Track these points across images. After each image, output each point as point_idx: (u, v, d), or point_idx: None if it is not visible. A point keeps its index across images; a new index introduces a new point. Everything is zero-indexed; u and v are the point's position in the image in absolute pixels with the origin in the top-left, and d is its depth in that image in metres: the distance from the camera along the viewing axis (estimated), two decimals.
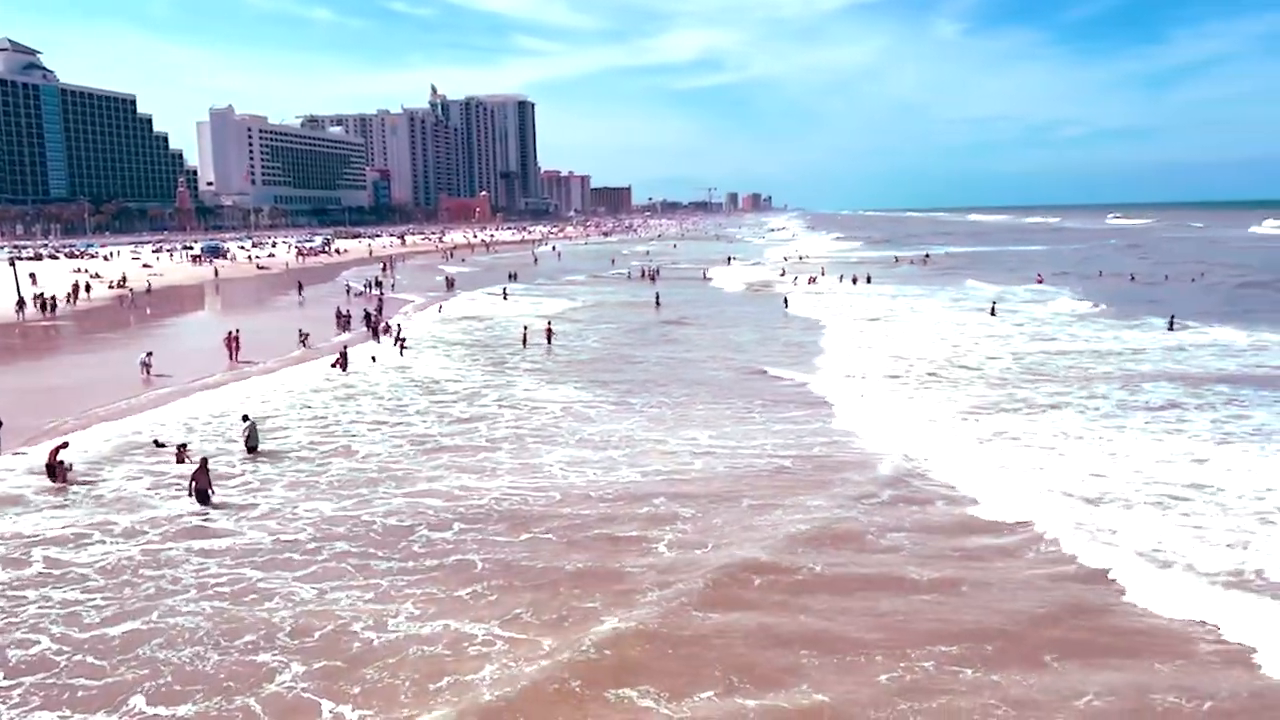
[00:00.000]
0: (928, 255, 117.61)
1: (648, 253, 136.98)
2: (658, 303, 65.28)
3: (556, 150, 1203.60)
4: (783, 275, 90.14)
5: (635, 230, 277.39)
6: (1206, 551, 17.16)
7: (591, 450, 25.71)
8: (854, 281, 79.74)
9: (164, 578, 17.00)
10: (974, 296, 66.06)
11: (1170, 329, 46.40)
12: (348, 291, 73.60)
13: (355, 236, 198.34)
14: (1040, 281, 76.58)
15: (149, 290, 79.83)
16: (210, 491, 21.13)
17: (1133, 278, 77.89)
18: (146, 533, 19.26)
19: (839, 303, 65.29)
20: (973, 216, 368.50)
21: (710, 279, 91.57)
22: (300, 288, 78.16)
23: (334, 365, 38.08)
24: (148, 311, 63.85)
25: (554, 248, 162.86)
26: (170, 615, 15.41)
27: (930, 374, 36.59)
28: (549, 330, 47.67)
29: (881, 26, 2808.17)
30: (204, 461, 21.82)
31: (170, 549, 18.40)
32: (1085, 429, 26.92)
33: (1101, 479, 21.78)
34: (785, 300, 63.70)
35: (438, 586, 16.57)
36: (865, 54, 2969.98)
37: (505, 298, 69.73)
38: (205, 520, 20.05)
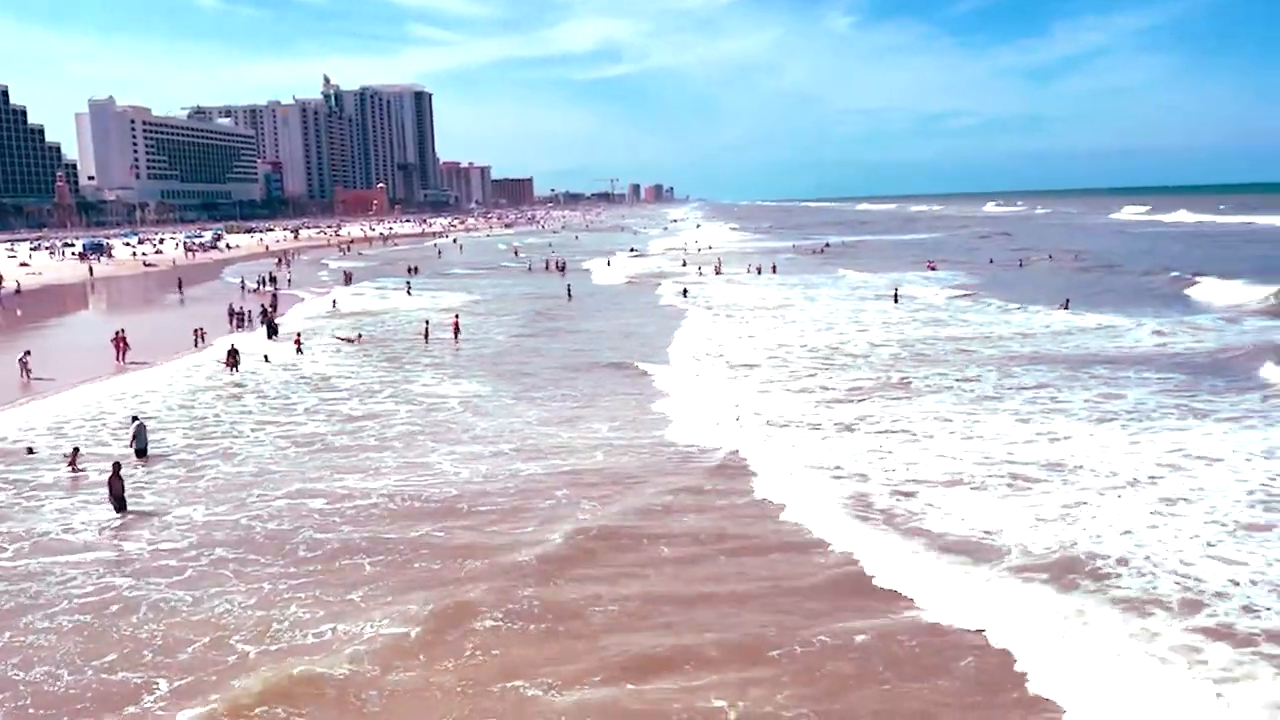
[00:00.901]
0: (827, 244, 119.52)
1: (551, 245, 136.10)
2: (569, 294, 65.10)
3: (456, 141, 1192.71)
4: (684, 265, 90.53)
5: (538, 222, 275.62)
6: (1019, 534, 17.55)
7: (484, 445, 25.15)
8: (758, 271, 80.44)
9: (23, 593, 15.96)
10: (872, 284, 67.19)
11: (1065, 308, 48.24)
12: (242, 288, 71.12)
13: (248, 231, 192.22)
14: (932, 268, 78.44)
15: (18, 290, 75.57)
16: (125, 497, 20.10)
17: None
18: (5, 549, 18.07)
19: (740, 292, 65.81)
20: (861, 206, 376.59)
21: (613, 267, 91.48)
22: (180, 285, 74.75)
23: (223, 364, 36.69)
24: (18, 313, 60.49)
25: (455, 240, 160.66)
26: (28, 633, 14.44)
27: (818, 361, 36.76)
28: (456, 324, 46.71)
29: (776, 18, 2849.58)
30: (116, 466, 20.57)
31: (30, 563, 17.30)
32: (955, 411, 27.30)
33: (941, 460, 22.27)
34: (684, 291, 63.83)
35: (324, 590, 15.94)
36: (761, 46, 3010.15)
37: (409, 292, 68.38)
38: (67, 531, 18.96)
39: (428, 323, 47.15)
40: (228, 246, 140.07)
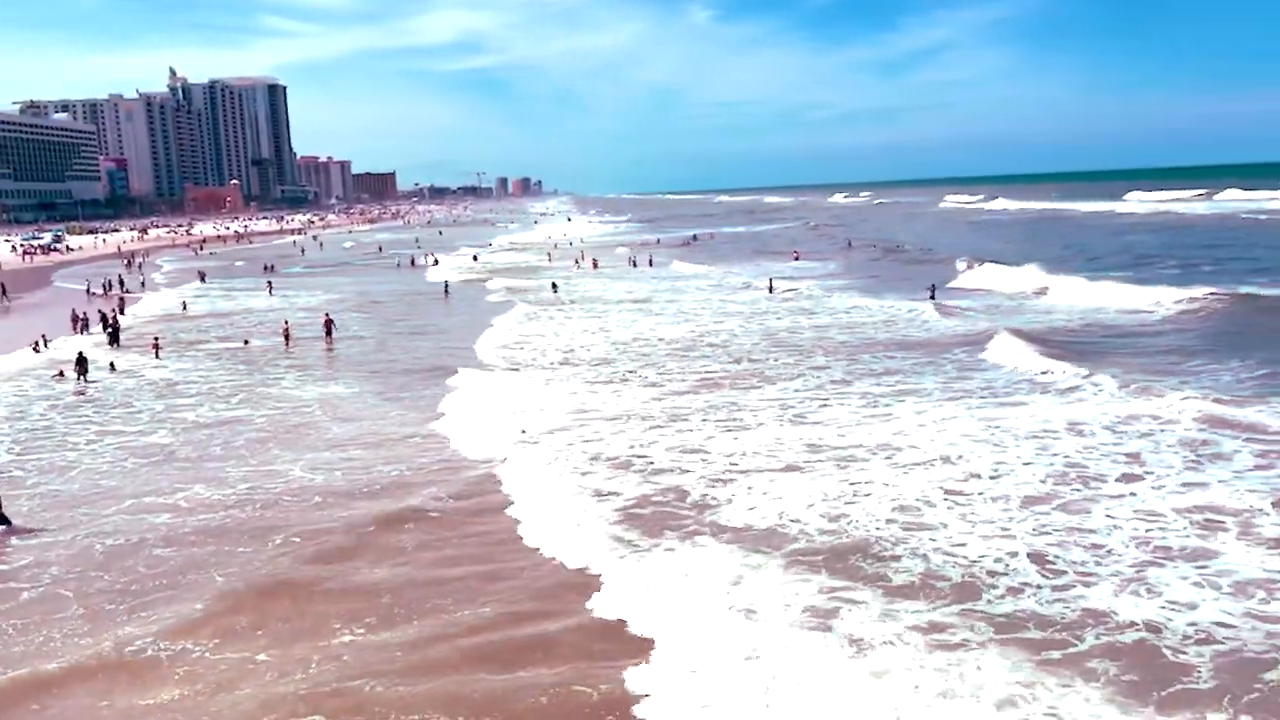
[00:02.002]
0: (694, 236, 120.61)
1: (417, 240, 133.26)
2: (446, 291, 64.01)
3: (314, 135, 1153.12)
4: (549, 260, 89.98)
5: (403, 217, 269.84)
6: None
7: (332, 451, 24.26)
8: (633, 264, 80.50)
9: None
10: (738, 275, 68.09)
11: (932, 298, 49.56)
12: (87, 292, 67.03)
13: (91, 232, 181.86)
14: (797, 259, 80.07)
15: None
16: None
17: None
18: None
19: (608, 286, 65.77)
20: (721, 198, 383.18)
21: (479, 262, 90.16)
22: (3, 290, 70.22)
23: (58, 375, 34.47)
24: None
25: (315, 237, 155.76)
26: None
27: (674, 353, 36.59)
28: (328, 323, 45.04)
29: (639, 11, 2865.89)
30: None
31: None
32: (800, 398, 27.56)
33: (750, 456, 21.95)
34: (554, 285, 63.35)
35: (168, 608, 15.02)
36: (624, 38, 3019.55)
37: (271, 292, 66.00)
38: None
39: (287, 323, 45.41)
40: (69, 248, 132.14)
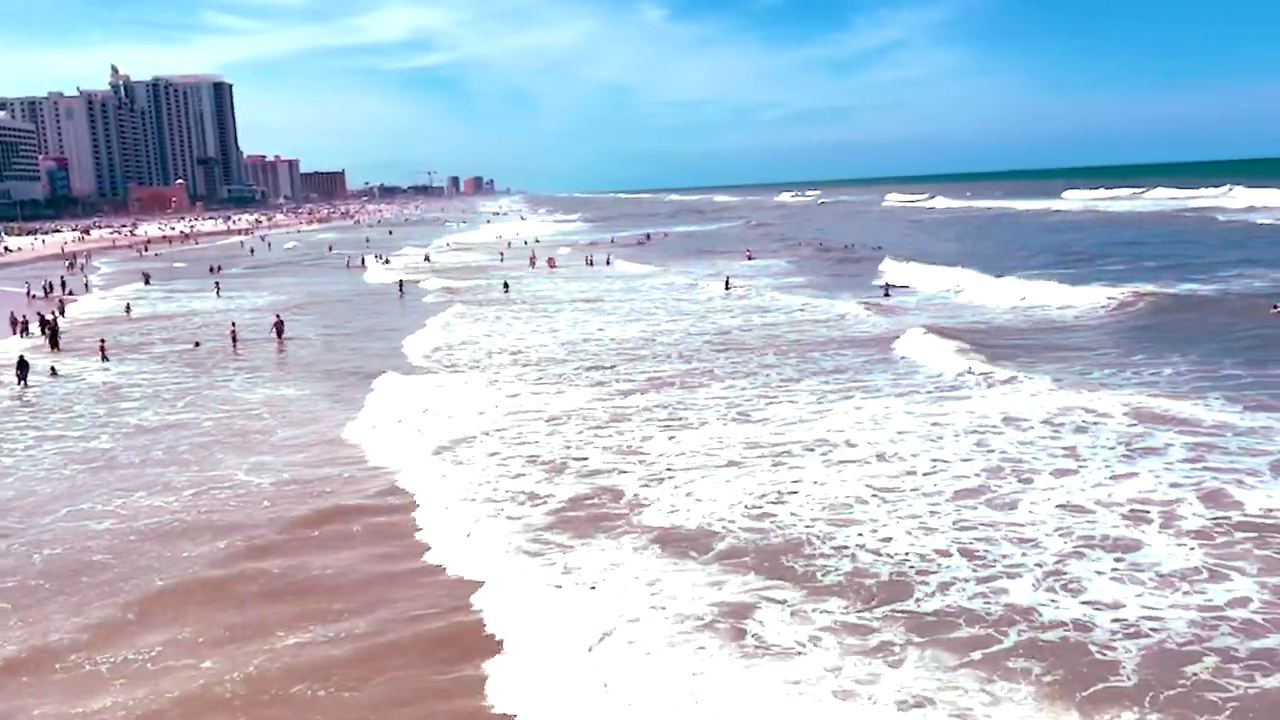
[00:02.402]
0: (648, 235, 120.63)
1: (368, 240, 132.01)
2: (401, 290, 63.54)
3: (262, 134, 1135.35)
4: (502, 260, 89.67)
5: (352, 217, 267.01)
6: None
7: (278, 455, 24.09)
8: (589, 263, 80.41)
9: None
10: (692, 274, 68.51)
11: (887, 296, 50.32)
12: (27, 294, 65.61)
13: (31, 233, 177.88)
14: (750, 258, 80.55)
15: None
16: None
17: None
18: None
19: (560, 285, 65.75)
20: (673, 197, 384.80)
21: (432, 262, 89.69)
22: None
23: None
24: None
25: (264, 237, 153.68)
26: None
27: (623, 352, 36.61)
28: (279, 324, 44.52)
29: (590, 9, 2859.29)
30: None
31: None
32: (748, 396, 27.72)
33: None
34: (505, 285, 63.16)
35: (105, 614, 14.87)
36: (576, 37, 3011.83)
37: (219, 293, 65.14)
38: None
39: (234, 325, 44.86)
40: (7, 249, 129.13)
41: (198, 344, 42.66)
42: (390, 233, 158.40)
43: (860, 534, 16.70)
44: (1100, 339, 35.02)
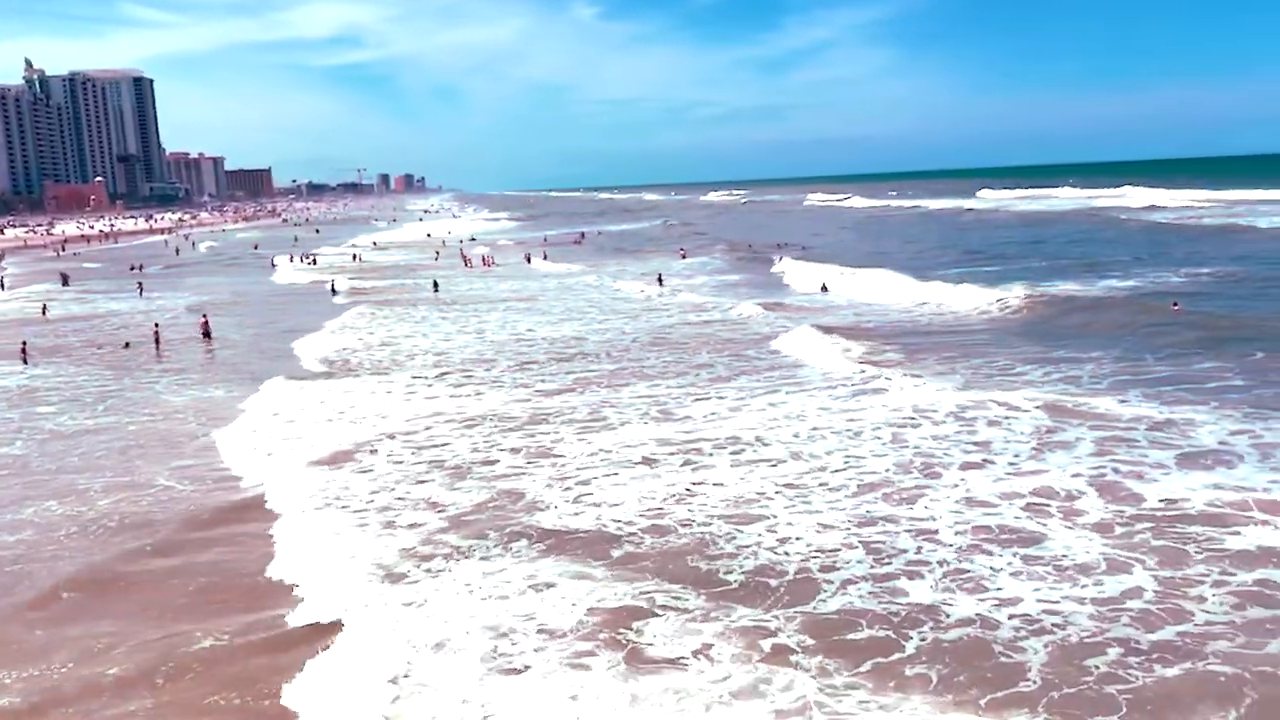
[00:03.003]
0: (583, 234, 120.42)
1: (295, 239, 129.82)
2: (334, 290, 62.62)
3: (185, 131, 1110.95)
4: (436, 258, 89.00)
5: (279, 215, 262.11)
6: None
7: (199, 458, 23.75)
8: (528, 260, 79.91)
9: None
10: (630, 271, 68.78)
11: (824, 291, 51.43)
12: None
13: None
14: (684, 256, 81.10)
15: None
16: None
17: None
18: None
19: (491, 285, 65.54)
20: (604, 195, 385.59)
21: (361, 261, 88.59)
22: None
23: None
24: None
25: (187, 236, 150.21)
26: None
27: (551, 352, 36.60)
28: (205, 324, 43.64)
29: (521, 7, 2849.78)
30: None
31: None
32: (673, 394, 27.77)
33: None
34: (435, 284, 62.73)
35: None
36: (507, 34, 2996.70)
37: (141, 293, 63.82)
38: None
39: (157, 326, 43.95)
40: None
41: (128, 344, 41.81)
42: (318, 231, 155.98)
43: (761, 533, 16.63)
44: (999, 338, 35.39)
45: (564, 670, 12.26)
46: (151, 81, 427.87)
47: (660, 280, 58.04)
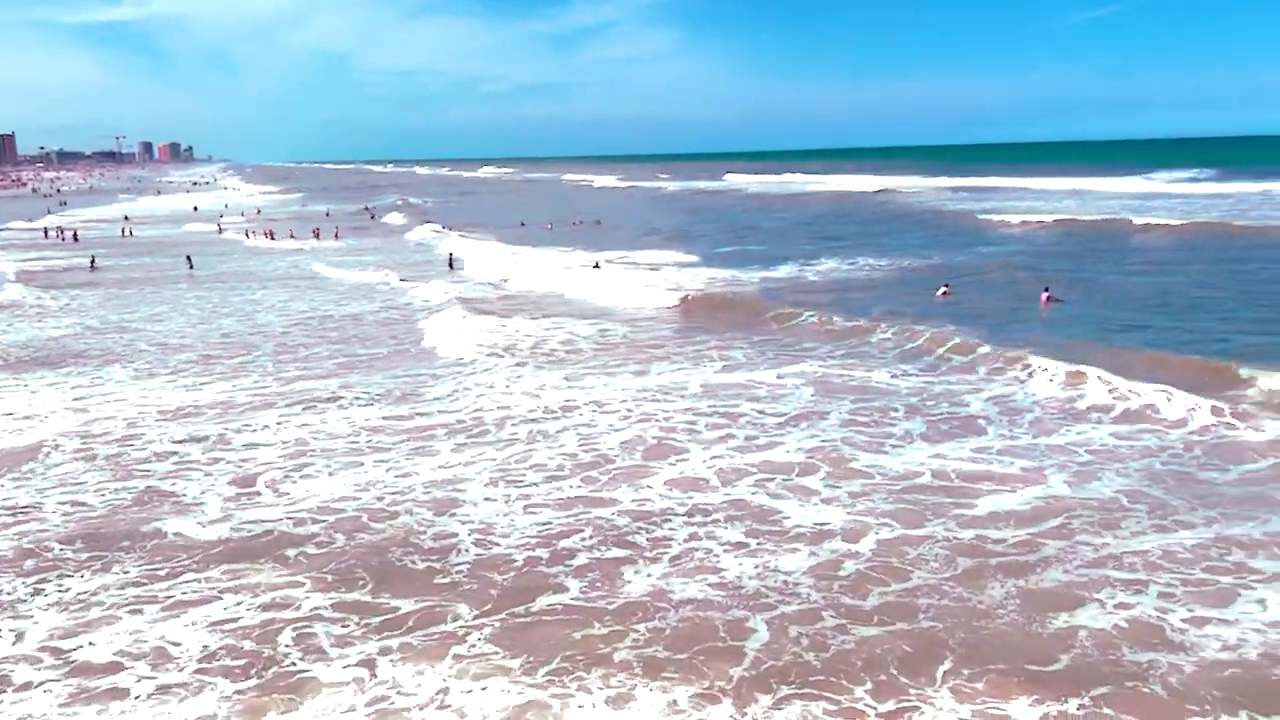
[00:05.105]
0: (367, 207, 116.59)
1: (48, 211, 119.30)
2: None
3: None
4: (220, 232, 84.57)
5: (27, 185, 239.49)
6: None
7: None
8: (316, 236, 76.94)
9: None
10: (433, 252, 67.80)
11: (597, 266, 51.61)
12: None
13: None
14: (550, 227, 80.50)
15: None
16: None
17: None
18: None
19: (271, 263, 63.19)
20: (387, 168, 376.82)
21: (133, 236, 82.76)
22: None
23: None
24: None
25: None
26: None
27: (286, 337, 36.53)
28: None
29: None
30: None
31: None
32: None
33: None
34: (189, 259, 59.72)
35: None
36: None
37: None
38: None
39: None
40: None
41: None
42: (64, 204, 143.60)
43: (465, 520, 15.86)
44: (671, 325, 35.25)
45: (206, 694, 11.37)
46: None
47: (451, 264, 57.63)
